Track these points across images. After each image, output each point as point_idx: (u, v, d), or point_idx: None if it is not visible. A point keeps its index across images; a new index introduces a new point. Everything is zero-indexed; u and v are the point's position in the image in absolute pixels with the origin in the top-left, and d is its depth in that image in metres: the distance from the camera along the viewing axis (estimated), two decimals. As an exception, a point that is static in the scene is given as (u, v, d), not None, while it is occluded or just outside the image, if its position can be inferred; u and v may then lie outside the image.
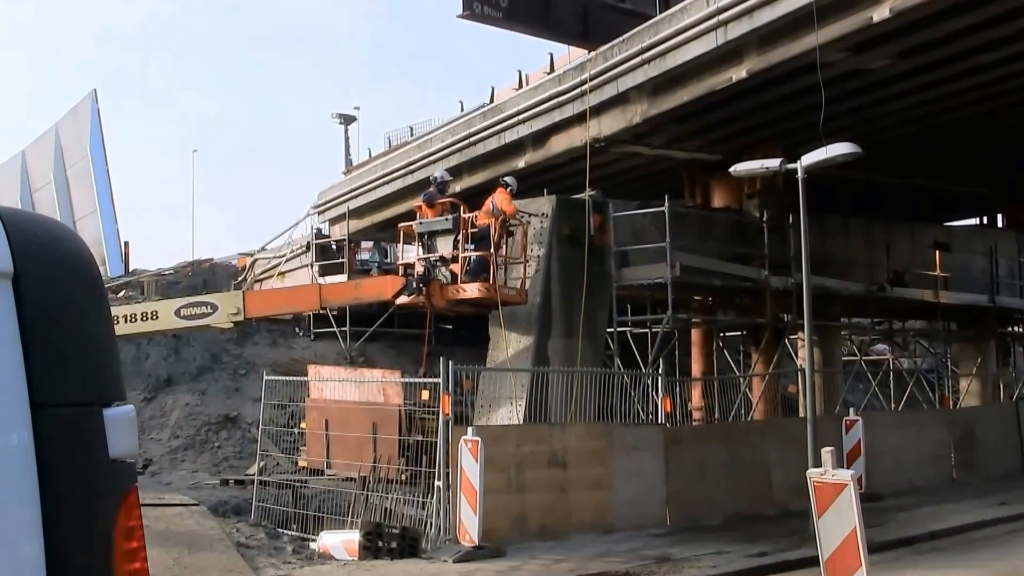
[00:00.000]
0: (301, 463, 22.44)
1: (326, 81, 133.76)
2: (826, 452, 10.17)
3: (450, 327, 31.91)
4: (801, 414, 22.52)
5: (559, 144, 24.27)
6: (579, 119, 23.04)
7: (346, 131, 51.75)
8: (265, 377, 21.28)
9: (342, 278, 29.36)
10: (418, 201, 21.23)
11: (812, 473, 10.29)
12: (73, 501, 4.02)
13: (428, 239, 19.93)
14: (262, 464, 21.41)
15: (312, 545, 17.03)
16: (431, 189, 20.84)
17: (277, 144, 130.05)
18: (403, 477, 17.97)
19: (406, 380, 20.93)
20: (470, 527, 14.84)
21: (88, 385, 4.10)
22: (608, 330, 22.10)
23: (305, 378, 23.05)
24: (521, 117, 24.67)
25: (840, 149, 15.75)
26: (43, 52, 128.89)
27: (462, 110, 37.38)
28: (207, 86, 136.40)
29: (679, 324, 24.14)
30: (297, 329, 31.97)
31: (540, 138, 24.74)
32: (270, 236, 38.53)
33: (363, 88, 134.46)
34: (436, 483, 16.00)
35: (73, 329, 4.08)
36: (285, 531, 18.39)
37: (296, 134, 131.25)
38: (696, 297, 25.90)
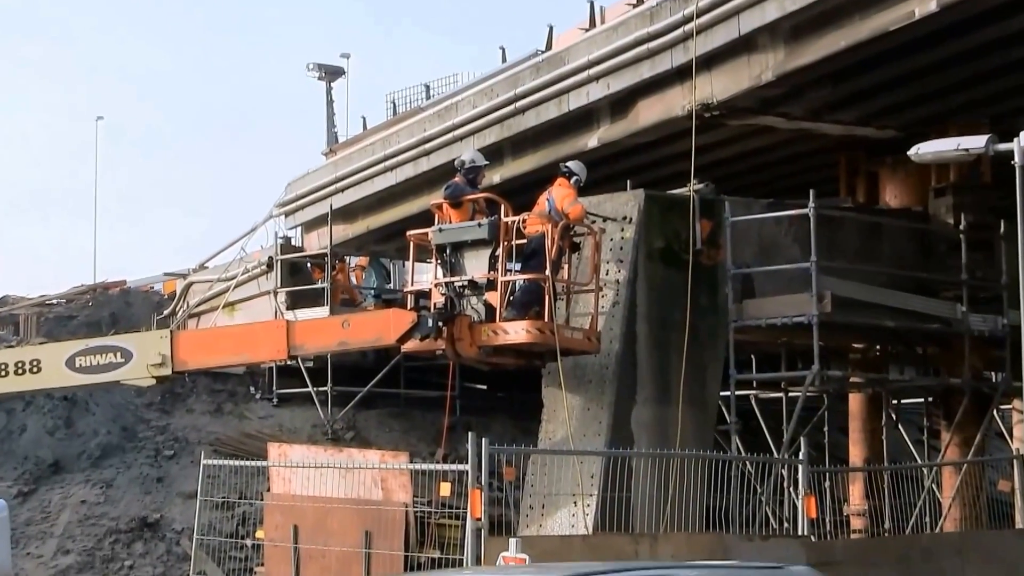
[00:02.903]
0: (257, 591, 22.48)
1: (303, 18, 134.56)
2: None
3: (484, 387, 31.88)
4: (1019, 524, 22.28)
5: (649, 113, 24.26)
6: (680, 76, 23.03)
7: (329, 91, 51.84)
8: (203, 461, 21.31)
9: (322, 312, 29.43)
10: (438, 197, 21.28)
11: (1037, 614, 10.22)
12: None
13: (452, 254, 19.98)
14: (198, 592, 21.47)
15: None
16: (457, 179, 20.91)
17: (227, 112, 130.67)
18: (411, 613, 17.96)
19: (417, 466, 20.91)
20: None
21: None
22: (722, 393, 22.00)
23: (264, 462, 23.09)
24: (593, 72, 24.68)
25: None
26: None
27: (504, 61, 37.38)
28: (122, 22, 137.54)
29: (830, 386, 23.94)
30: (253, 389, 32.10)
31: (621, 104, 24.75)
32: (213, 248, 38.75)
33: (357, 29, 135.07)
34: (461, 623, 15.97)
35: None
36: None
37: (256, 96, 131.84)
38: (856, 345, 25.76)
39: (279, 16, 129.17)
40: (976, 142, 17.23)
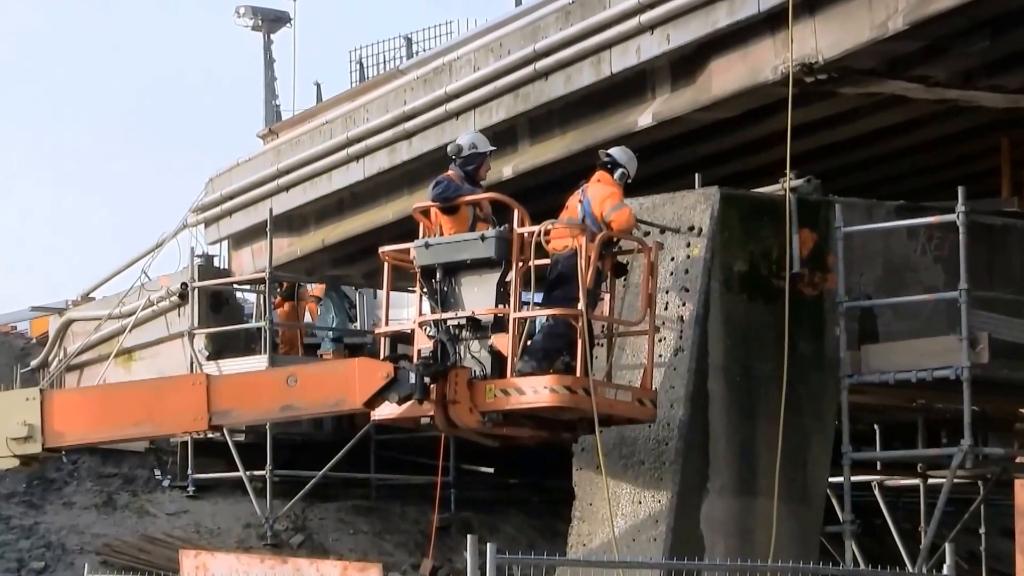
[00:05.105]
0: None
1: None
2: None
3: (490, 471, 31.88)
4: None
5: (726, 77, 24.26)
6: (770, 24, 23.06)
7: (268, 47, 52.13)
8: (88, 576, 21.35)
9: (258, 362, 29.51)
10: (424, 199, 21.29)
11: None
12: None
13: (444, 280, 20.03)
14: None
15: None
16: (451, 173, 20.96)
17: (120, 81, 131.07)
18: None
19: (393, 585, 20.93)
20: None
21: None
22: (832, 480, 21.97)
23: (175, 579, 23.14)
24: (645, 19, 24.69)
25: None
26: None
27: (518, 3, 37.58)
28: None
29: (988, 469, 23.93)
30: (159, 473, 32.09)
31: (686, 64, 24.77)
32: (102, 272, 38.76)
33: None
34: None
35: None
36: None
37: (163, 56, 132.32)
38: (1026, 411, 25.78)
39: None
40: None
